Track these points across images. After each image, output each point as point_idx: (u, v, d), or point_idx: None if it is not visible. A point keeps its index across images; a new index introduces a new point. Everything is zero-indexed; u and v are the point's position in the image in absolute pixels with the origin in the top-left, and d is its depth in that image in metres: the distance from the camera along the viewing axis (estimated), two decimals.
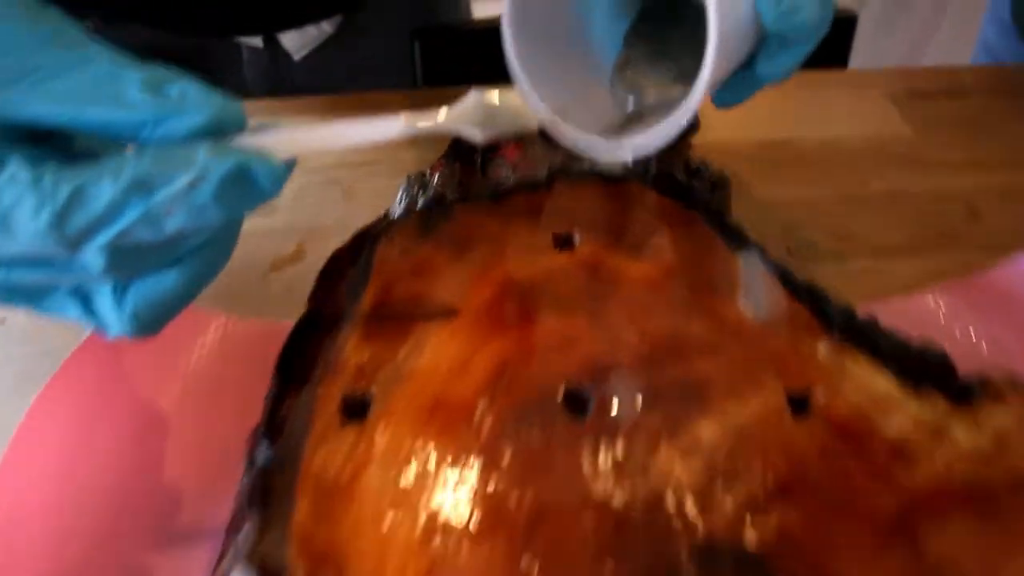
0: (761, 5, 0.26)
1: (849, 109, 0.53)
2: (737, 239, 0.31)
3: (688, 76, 0.29)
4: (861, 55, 0.69)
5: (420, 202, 0.35)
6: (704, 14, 0.25)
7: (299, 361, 0.28)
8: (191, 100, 0.21)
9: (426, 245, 0.31)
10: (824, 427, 0.26)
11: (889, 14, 1.22)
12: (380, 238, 0.31)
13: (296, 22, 0.60)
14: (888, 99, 0.54)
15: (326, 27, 0.61)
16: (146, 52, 0.23)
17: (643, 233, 0.31)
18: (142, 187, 0.20)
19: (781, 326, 0.28)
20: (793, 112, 0.52)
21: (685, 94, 0.28)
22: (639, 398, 0.26)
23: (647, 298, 0.29)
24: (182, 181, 0.20)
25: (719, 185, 0.41)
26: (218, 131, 0.21)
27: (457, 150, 0.40)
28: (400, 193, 0.40)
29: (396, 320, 0.28)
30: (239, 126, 0.22)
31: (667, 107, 0.30)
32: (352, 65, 0.64)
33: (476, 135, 0.24)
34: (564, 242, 0.31)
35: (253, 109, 0.54)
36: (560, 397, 0.26)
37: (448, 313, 0.28)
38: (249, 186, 0.21)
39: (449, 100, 0.25)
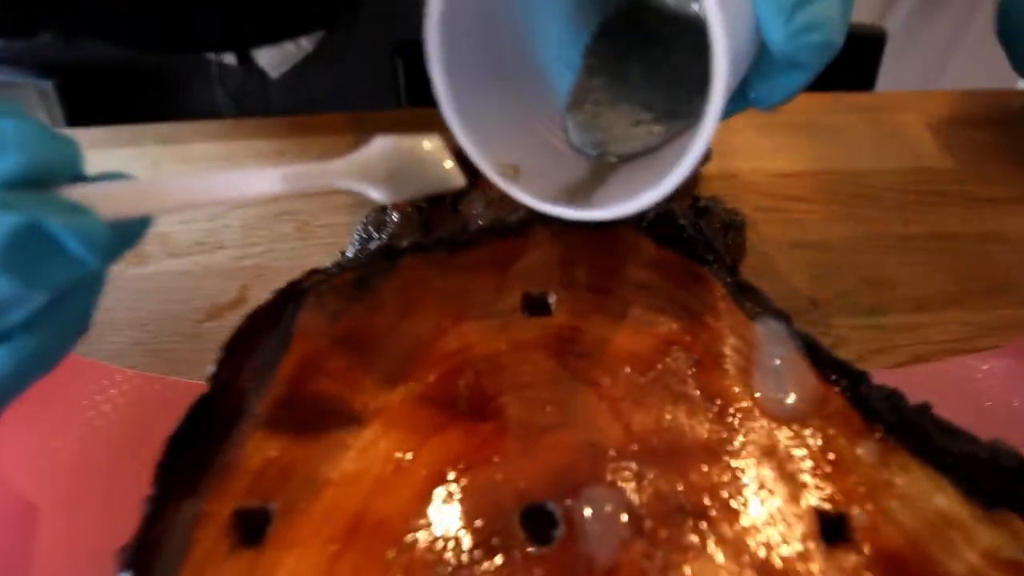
0: (767, 23, 0.20)
1: (878, 137, 0.47)
2: (754, 302, 0.25)
3: (658, 112, 0.23)
4: (884, 74, 0.63)
5: (373, 247, 0.29)
6: (681, 35, 0.20)
7: (189, 458, 0.22)
8: (8, 140, 0.17)
9: (362, 308, 0.25)
10: (867, 561, 0.20)
11: (912, 28, 1.15)
12: (306, 297, 0.25)
13: (273, 38, 0.57)
14: (924, 126, 0.48)
15: (305, 44, 0.58)
16: (108, 68, 0.19)
17: (635, 295, 0.25)
18: None
19: (810, 420, 0.22)
20: (814, 140, 0.46)
21: (661, 136, 0.22)
22: (622, 519, 0.20)
23: (637, 382, 0.22)
24: None
25: (732, 226, 0.35)
26: (43, 179, 0.18)
27: None
28: (356, 234, 0.35)
29: (314, 407, 0.22)
30: (73, 174, 0.18)
31: (637, 148, 0.24)
32: (333, 84, 0.60)
33: (377, 195, 0.19)
34: (536, 306, 0.25)
35: (219, 130, 0.50)
36: (518, 517, 0.20)
37: (377, 410, 0.22)
38: (52, 251, 0.17)
39: (434, 121, 0.21)
